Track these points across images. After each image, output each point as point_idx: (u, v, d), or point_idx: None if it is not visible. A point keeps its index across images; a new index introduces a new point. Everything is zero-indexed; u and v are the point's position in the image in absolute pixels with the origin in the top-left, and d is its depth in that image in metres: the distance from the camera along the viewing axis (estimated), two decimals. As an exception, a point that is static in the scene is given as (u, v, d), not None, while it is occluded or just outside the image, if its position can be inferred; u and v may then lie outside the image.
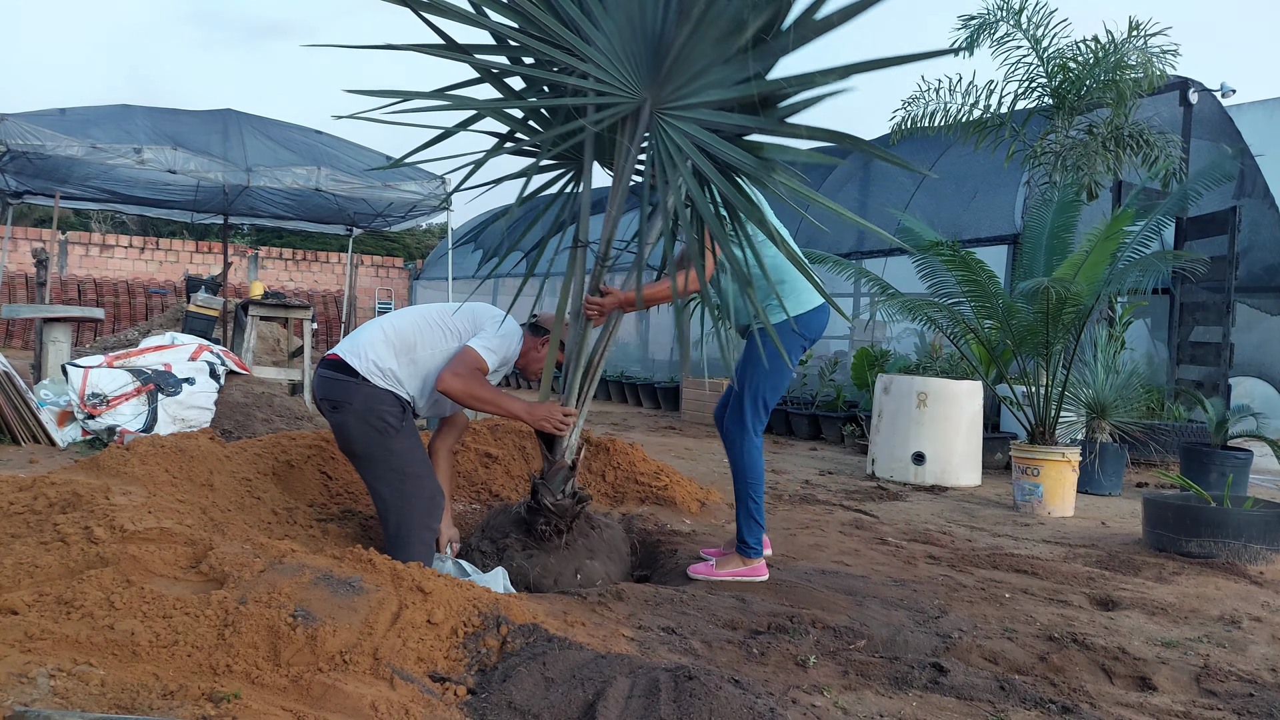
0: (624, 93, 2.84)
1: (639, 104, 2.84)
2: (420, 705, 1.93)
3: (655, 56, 2.77)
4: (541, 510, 3.10)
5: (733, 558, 3.30)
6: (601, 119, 2.88)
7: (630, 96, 2.84)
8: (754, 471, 3.30)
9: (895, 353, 8.82)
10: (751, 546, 3.28)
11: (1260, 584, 3.53)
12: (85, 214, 21.50)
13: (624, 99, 2.85)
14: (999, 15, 7.63)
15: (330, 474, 3.97)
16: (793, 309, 3.27)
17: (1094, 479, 5.69)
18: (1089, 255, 5.04)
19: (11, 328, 15.99)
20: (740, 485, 3.31)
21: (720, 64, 2.68)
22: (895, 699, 2.21)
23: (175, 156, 8.25)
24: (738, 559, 3.28)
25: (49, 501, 2.73)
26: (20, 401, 5.42)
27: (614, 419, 9.75)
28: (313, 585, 2.19)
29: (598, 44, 2.77)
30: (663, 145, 2.82)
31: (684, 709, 1.88)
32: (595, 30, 2.75)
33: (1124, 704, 2.27)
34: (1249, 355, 8.82)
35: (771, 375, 3.28)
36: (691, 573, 3.29)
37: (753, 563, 3.27)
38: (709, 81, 2.72)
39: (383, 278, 21.28)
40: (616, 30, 2.75)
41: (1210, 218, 7.91)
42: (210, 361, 6.35)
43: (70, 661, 1.85)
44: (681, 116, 2.79)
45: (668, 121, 2.81)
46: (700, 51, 2.68)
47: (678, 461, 6.06)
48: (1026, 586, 3.34)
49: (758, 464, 3.31)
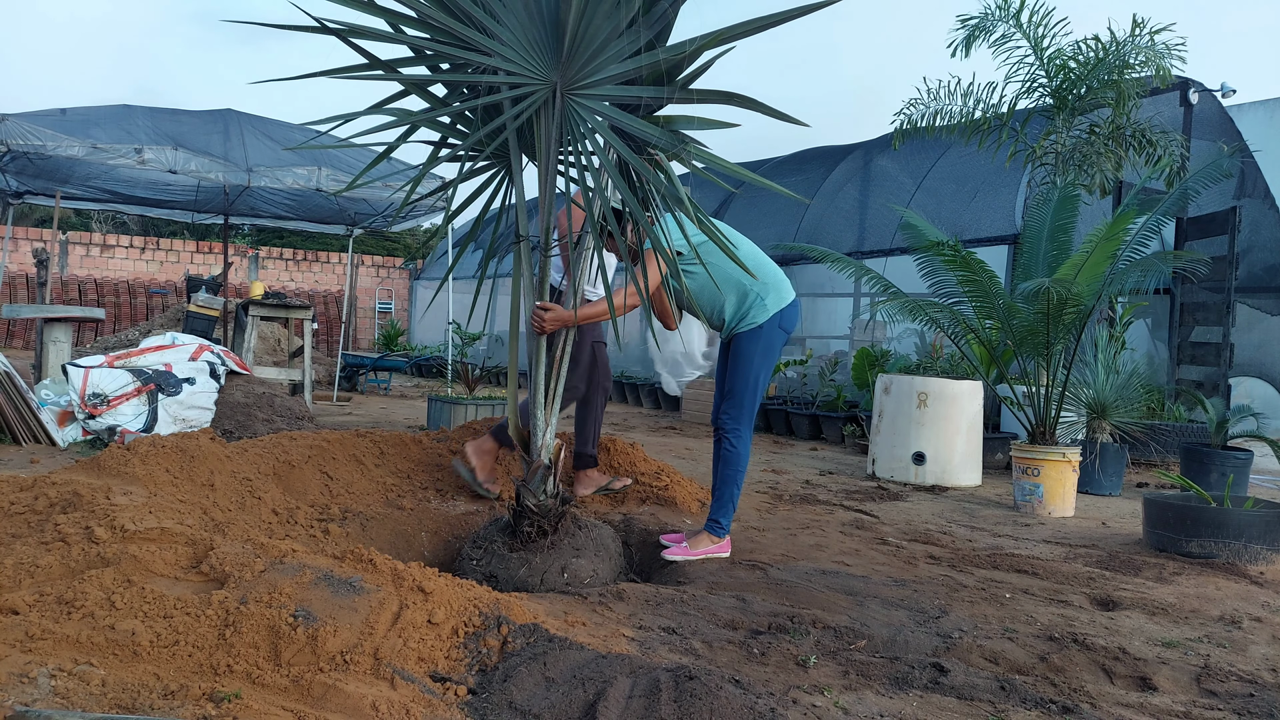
0: (534, 79, 2.89)
1: (550, 88, 2.90)
2: (421, 705, 1.93)
3: (557, 39, 2.82)
4: (525, 512, 3.13)
5: (703, 536, 3.56)
6: (519, 111, 2.92)
7: (540, 82, 2.89)
8: (743, 461, 3.60)
9: (896, 353, 8.83)
10: (723, 527, 3.58)
11: (1260, 584, 3.53)
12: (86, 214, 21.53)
13: (535, 85, 2.90)
14: (997, 16, 7.63)
15: (331, 474, 3.97)
16: (773, 305, 3.58)
17: (1094, 479, 5.69)
18: (1090, 256, 5.04)
19: (12, 328, 16.00)
20: (728, 472, 3.58)
21: (616, 37, 2.75)
22: (896, 699, 2.21)
23: (176, 156, 8.25)
24: (708, 537, 3.56)
25: (50, 501, 2.74)
26: (21, 401, 5.42)
27: (614, 419, 9.75)
28: (313, 585, 2.19)
29: (502, 37, 2.82)
30: (576, 127, 2.88)
31: (684, 709, 1.88)
32: (499, 25, 2.81)
33: (1124, 704, 2.27)
34: (1249, 355, 8.82)
35: (763, 370, 3.59)
36: (669, 555, 3.50)
37: (721, 541, 3.58)
38: (609, 56, 2.80)
39: (383, 278, 21.29)
40: (517, 21, 2.81)
41: (1210, 218, 7.91)
42: (211, 361, 6.36)
43: (71, 661, 1.86)
44: (590, 95, 2.86)
45: (578, 102, 2.87)
46: (596, 27, 2.75)
47: (678, 461, 6.06)
48: (1027, 586, 3.34)
49: (746, 455, 3.63)
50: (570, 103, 2.88)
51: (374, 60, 2.94)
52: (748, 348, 3.57)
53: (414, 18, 2.83)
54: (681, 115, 2.84)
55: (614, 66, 2.80)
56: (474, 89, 3.12)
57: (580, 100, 2.87)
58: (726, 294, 3.58)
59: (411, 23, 2.86)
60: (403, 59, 3.03)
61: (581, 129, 2.87)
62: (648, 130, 2.77)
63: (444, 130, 3.24)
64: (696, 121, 2.78)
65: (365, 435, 4.37)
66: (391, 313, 20.51)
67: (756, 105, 2.63)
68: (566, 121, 2.91)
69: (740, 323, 3.60)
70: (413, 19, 2.85)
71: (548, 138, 2.98)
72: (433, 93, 3.17)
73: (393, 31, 2.88)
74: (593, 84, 2.85)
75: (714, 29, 2.62)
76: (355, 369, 11.99)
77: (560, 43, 2.81)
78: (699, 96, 2.70)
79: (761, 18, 2.53)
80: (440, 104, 3.15)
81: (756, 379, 3.57)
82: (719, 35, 2.61)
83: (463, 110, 3.16)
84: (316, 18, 2.73)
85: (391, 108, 3.01)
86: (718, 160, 2.80)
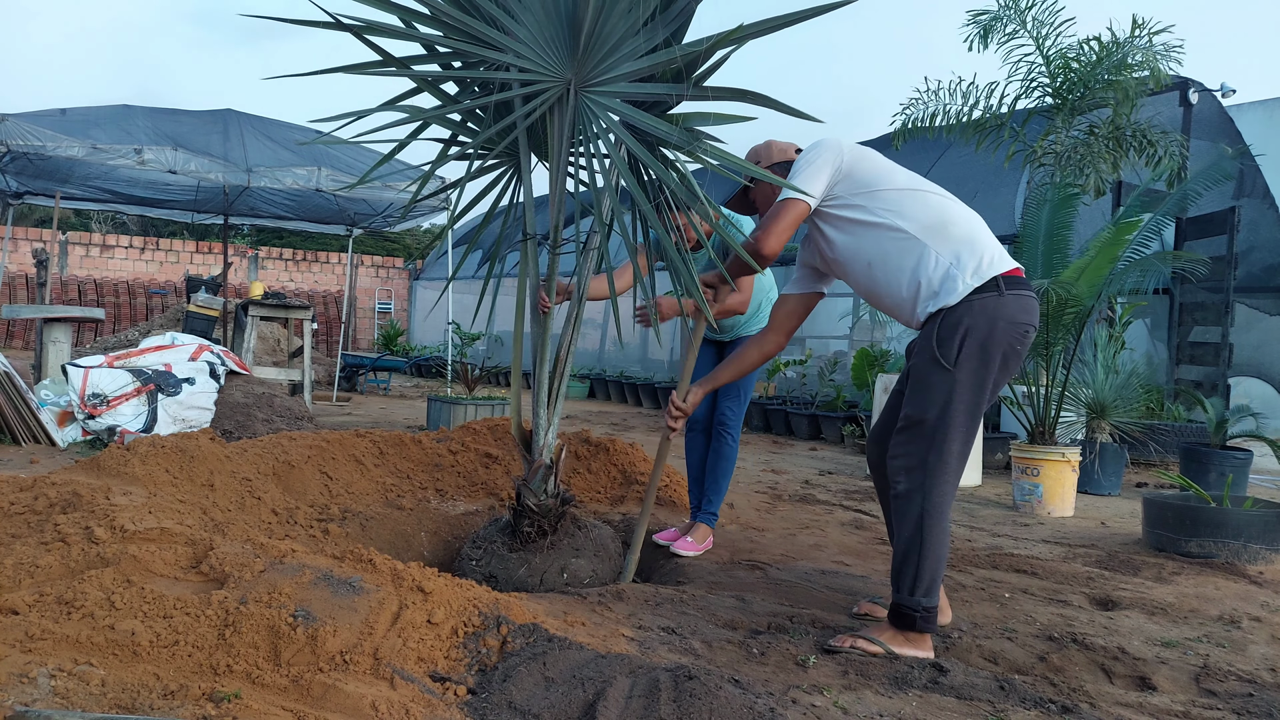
0: (548, 76, 2.88)
1: (564, 85, 2.89)
2: (420, 705, 1.93)
3: (573, 36, 2.81)
4: (525, 512, 3.13)
5: (702, 529, 3.70)
6: (532, 108, 2.92)
7: (554, 79, 2.88)
8: (735, 456, 3.79)
9: (895, 353, 8.83)
10: (716, 517, 3.76)
11: (1260, 584, 3.54)
12: (85, 214, 21.53)
13: (549, 82, 2.89)
14: (1008, 14, 7.63)
15: (331, 474, 3.97)
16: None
17: (1094, 479, 5.69)
18: (1094, 259, 5.05)
19: (12, 328, 16.00)
20: (726, 466, 3.74)
21: (632, 35, 2.74)
22: (895, 699, 2.21)
23: (176, 157, 8.25)
24: (705, 529, 3.71)
25: (49, 502, 2.74)
26: (20, 401, 5.42)
27: (614, 419, 9.75)
28: (313, 585, 2.19)
29: (518, 35, 2.82)
30: (589, 125, 2.87)
31: (684, 709, 1.88)
32: (515, 22, 2.80)
33: (1124, 704, 2.27)
34: (1248, 355, 8.82)
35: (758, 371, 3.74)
36: (679, 550, 3.59)
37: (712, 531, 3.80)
38: (625, 53, 2.78)
39: (383, 278, 21.28)
40: (534, 18, 2.80)
41: (1210, 218, 7.92)
42: (210, 362, 6.36)
43: (71, 661, 1.86)
44: (604, 92, 2.84)
45: (592, 99, 2.86)
46: (613, 24, 2.74)
47: (678, 462, 6.06)
48: (1026, 586, 3.34)
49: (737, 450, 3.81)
50: (584, 100, 2.87)
51: (388, 57, 2.93)
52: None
53: (428, 15, 2.82)
54: (695, 112, 2.82)
55: (629, 64, 2.78)
56: (486, 86, 3.11)
57: (594, 98, 2.85)
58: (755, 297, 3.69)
59: (425, 20, 2.85)
60: (414, 56, 3.02)
61: (595, 127, 2.86)
62: (661, 127, 2.76)
63: (454, 128, 3.23)
64: (711, 118, 2.75)
65: (365, 435, 4.37)
66: (391, 313, 20.51)
67: (770, 102, 2.61)
68: (580, 119, 2.90)
69: (751, 324, 3.72)
70: (426, 16, 2.84)
71: (560, 135, 2.97)
72: (444, 90, 3.16)
73: (406, 28, 2.86)
74: (607, 81, 2.83)
75: (722, 25, 2.61)
76: (355, 369, 11.99)
77: (576, 40, 2.80)
78: (713, 94, 2.69)
79: (779, 17, 2.50)
80: (452, 101, 3.14)
81: (755, 377, 3.72)
82: (735, 33, 2.58)
83: (474, 108, 3.15)
84: (332, 14, 2.72)
85: (403, 104, 3.00)
86: (732, 157, 2.79)
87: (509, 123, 3.00)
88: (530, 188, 3.15)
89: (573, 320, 3.26)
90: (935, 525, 2.49)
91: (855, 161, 2.66)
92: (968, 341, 2.48)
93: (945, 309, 2.51)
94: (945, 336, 2.50)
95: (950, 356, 2.48)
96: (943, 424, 2.49)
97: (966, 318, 2.48)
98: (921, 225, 2.57)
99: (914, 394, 2.57)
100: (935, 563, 2.49)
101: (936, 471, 2.49)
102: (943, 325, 2.51)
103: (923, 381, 2.55)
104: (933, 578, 2.50)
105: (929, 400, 2.52)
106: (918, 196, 2.63)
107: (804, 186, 2.61)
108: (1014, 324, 2.50)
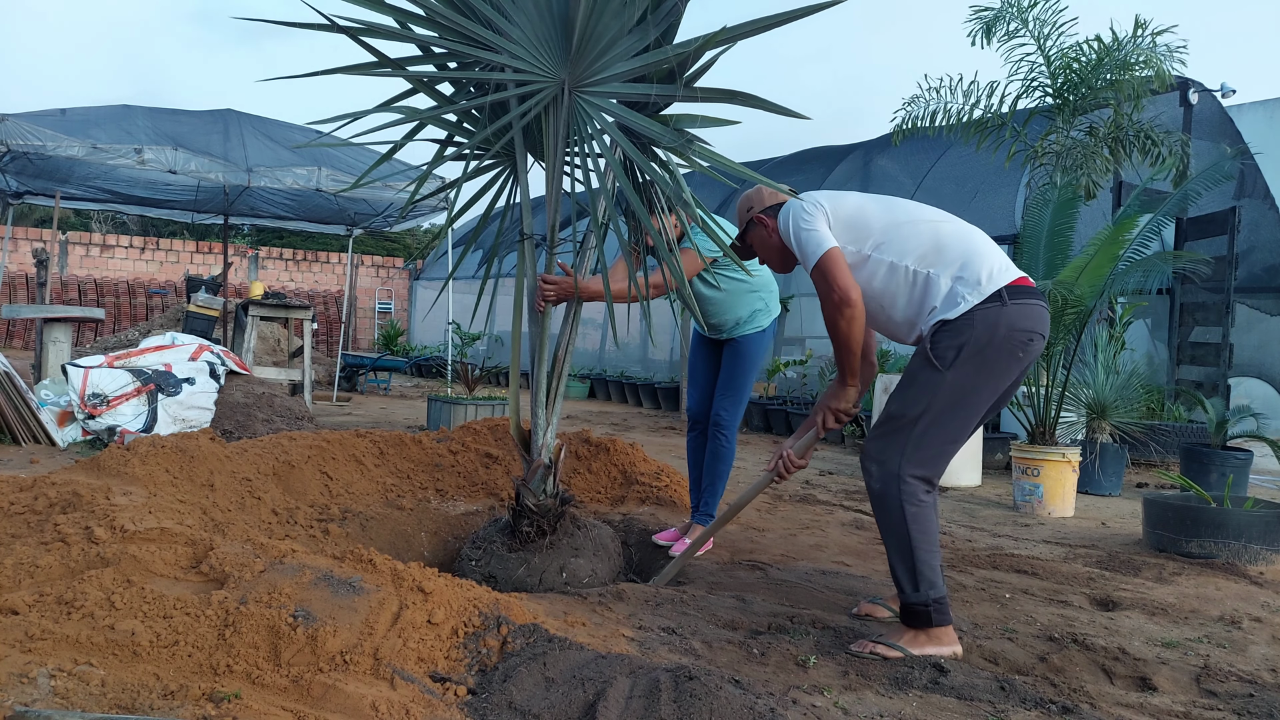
0: (542, 76, 2.89)
1: (558, 86, 2.90)
2: (421, 705, 1.93)
3: (566, 36, 2.83)
4: (524, 512, 3.13)
5: (698, 529, 3.66)
6: (527, 108, 2.93)
7: (548, 79, 2.89)
8: (732, 457, 3.79)
9: (895, 353, 8.83)
10: (713, 517, 3.71)
11: (1260, 584, 3.53)
12: (85, 214, 21.52)
13: (543, 82, 2.90)
14: (1009, 12, 7.63)
15: (331, 474, 3.97)
16: (774, 309, 3.81)
17: (1094, 479, 5.69)
18: (1093, 259, 5.05)
19: (12, 328, 16.00)
20: (723, 466, 3.73)
21: (624, 35, 2.76)
22: (895, 699, 2.21)
23: (176, 157, 8.25)
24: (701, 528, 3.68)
25: (49, 502, 2.74)
26: (20, 401, 5.42)
27: (614, 419, 9.75)
28: (313, 585, 2.19)
29: (512, 35, 2.83)
30: (584, 125, 2.88)
31: (684, 709, 1.88)
32: (508, 22, 2.81)
33: (1124, 704, 2.26)
34: (1249, 356, 8.82)
35: (755, 371, 3.79)
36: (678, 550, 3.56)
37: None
38: (617, 53, 2.80)
39: (383, 278, 21.28)
40: (527, 18, 2.82)
41: (1210, 218, 7.92)
42: (210, 362, 6.36)
43: (71, 661, 1.86)
44: (598, 93, 2.86)
45: (585, 99, 2.87)
46: (605, 24, 2.76)
47: (678, 461, 6.06)
48: (1026, 587, 3.34)
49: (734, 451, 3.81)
50: (578, 100, 2.89)
51: (383, 58, 2.94)
52: (754, 349, 3.73)
53: (423, 16, 2.84)
54: (686, 114, 2.85)
55: (622, 64, 2.80)
56: (481, 87, 3.12)
57: (588, 98, 2.87)
58: (744, 299, 3.69)
59: (421, 21, 2.87)
60: (410, 58, 3.03)
61: (589, 127, 2.87)
62: (654, 128, 2.78)
63: (451, 129, 3.24)
64: (701, 120, 2.79)
65: (365, 435, 4.37)
66: (391, 313, 20.51)
67: (759, 102, 2.64)
68: (574, 119, 2.92)
69: (748, 325, 3.73)
70: (421, 18, 2.85)
71: (555, 134, 2.98)
72: (440, 90, 3.17)
73: (401, 29, 2.88)
74: (600, 81, 2.85)
75: (714, 26, 2.64)
76: (355, 369, 11.99)
77: (569, 40, 2.81)
78: (704, 94, 2.72)
79: (766, 17, 2.53)
80: (448, 102, 3.16)
81: (753, 378, 3.76)
82: (724, 34, 2.61)
83: (470, 108, 3.17)
84: (327, 15, 2.73)
85: (400, 106, 3.01)
86: (722, 159, 2.80)
87: (505, 123, 3.01)
88: (527, 188, 3.16)
89: (571, 320, 3.26)
90: (918, 518, 2.49)
91: (835, 209, 2.67)
92: (966, 348, 2.48)
93: (946, 320, 2.52)
94: (943, 342, 2.50)
95: (946, 360, 2.49)
96: (922, 422, 2.50)
97: (967, 329, 2.48)
98: (918, 256, 2.59)
99: (899, 391, 2.58)
100: (928, 554, 2.49)
101: (911, 468, 2.49)
102: (942, 332, 2.51)
103: (910, 379, 2.56)
104: (930, 570, 2.50)
105: (911, 398, 2.53)
106: (904, 229, 2.64)
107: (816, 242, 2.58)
108: (1015, 330, 2.49)
